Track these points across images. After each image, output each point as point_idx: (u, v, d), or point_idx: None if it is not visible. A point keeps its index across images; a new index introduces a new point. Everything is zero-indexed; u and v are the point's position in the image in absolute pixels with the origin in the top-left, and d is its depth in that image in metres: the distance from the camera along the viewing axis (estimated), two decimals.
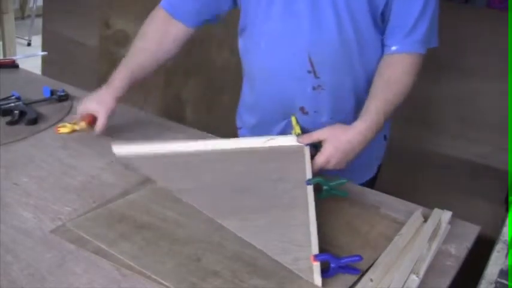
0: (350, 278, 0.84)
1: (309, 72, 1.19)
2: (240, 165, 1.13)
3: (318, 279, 0.82)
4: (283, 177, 1.08)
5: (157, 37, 1.27)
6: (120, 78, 1.24)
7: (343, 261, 0.84)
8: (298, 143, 1.17)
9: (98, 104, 1.22)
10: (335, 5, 1.13)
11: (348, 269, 0.85)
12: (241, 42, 1.31)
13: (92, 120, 1.22)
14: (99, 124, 1.21)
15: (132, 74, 1.25)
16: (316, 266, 0.84)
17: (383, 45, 1.21)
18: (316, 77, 1.19)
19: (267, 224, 0.95)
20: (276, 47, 1.21)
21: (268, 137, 1.18)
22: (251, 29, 1.25)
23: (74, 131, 1.25)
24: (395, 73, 1.18)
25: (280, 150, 1.16)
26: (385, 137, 1.37)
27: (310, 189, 1.01)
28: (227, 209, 0.99)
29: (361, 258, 0.84)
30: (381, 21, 1.18)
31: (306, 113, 1.24)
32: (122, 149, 1.16)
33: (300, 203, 0.99)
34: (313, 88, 1.21)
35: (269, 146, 1.17)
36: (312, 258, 0.84)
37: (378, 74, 1.19)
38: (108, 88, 1.24)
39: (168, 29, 1.27)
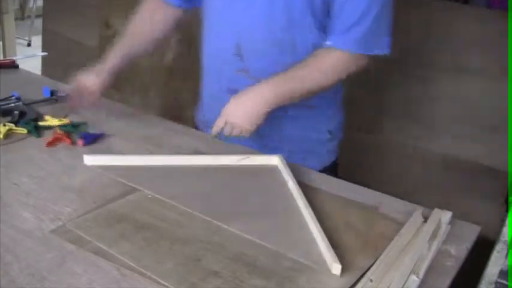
0: (350, 278, 0.85)
1: (234, 55, 1.24)
2: (222, 178, 1.13)
3: (337, 268, 0.85)
4: (268, 189, 1.10)
5: (147, 18, 1.38)
6: (114, 56, 1.34)
7: None
8: (272, 163, 1.18)
9: (92, 76, 1.32)
10: None
11: None
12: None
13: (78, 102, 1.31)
14: (92, 93, 1.30)
15: (126, 53, 1.36)
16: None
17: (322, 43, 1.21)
18: (241, 60, 1.24)
19: (271, 226, 0.97)
20: (217, 29, 1.28)
21: (243, 156, 1.19)
22: (208, 13, 1.32)
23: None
24: (320, 62, 1.18)
25: (255, 168, 1.17)
26: (330, 132, 1.37)
27: (301, 196, 1.04)
28: (226, 213, 0.99)
29: None
30: (323, 18, 1.17)
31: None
32: (94, 161, 1.13)
33: (295, 208, 1.03)
34: (237, 71, 1.25)
35: (243, 164, 1.18)
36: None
37: (304, 60, 1.19)
38: (102, 64, 1.33)
39: (157, 11, 1.38)
